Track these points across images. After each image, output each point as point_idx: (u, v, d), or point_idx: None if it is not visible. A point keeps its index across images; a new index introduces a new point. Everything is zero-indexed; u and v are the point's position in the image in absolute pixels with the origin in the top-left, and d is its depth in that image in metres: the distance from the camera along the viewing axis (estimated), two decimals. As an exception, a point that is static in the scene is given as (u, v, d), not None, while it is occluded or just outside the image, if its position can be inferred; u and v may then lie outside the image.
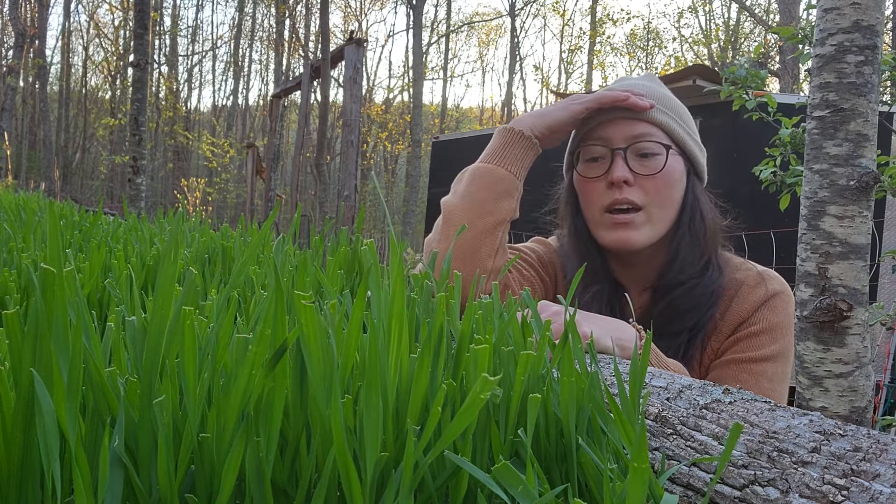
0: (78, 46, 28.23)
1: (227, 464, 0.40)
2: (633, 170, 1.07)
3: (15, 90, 14.69)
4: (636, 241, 1.06)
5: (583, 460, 0.48)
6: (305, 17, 23.77)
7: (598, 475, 0.47)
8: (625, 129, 1.09)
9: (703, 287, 1.06)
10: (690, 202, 1.11)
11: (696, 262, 1.08)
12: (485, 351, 0.46)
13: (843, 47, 0.59)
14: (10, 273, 0.87)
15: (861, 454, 0.42)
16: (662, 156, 1.08)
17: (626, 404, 0.47)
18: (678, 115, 1.12)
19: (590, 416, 0.50)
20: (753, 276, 1.10)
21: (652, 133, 1.08)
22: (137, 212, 4.30)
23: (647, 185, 1.07)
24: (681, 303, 1.06)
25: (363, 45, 9.07)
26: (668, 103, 1.13)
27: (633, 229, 1.06)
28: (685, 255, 1.08)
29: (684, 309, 1.06)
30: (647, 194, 1.07)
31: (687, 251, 1.08)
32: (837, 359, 0.60)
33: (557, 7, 27.13)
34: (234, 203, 23.43)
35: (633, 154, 1.08)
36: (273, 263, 0.54)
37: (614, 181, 1.06)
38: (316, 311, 0.42)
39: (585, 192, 1.13)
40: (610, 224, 1.08)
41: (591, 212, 1.12)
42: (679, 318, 1.06)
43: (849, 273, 0.59)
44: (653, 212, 1.07)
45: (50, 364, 0.37)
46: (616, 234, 1.07)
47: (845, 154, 0.59)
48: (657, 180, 1.07)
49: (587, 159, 1.12)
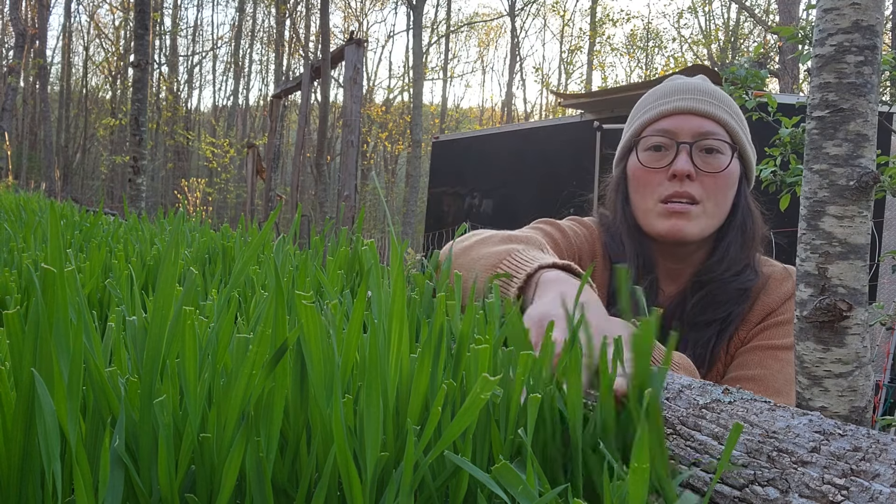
0: (78, 47, 28.24)
1: (228, 464, 0.40)
2: (697, 165, 1.08)
3: (15, 90, 14.69)
4: (689, 232, 1.07)
5: (588, 460, 0.48)
6: (305, 17, 23.77)
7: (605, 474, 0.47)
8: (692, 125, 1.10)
9: (739, 283, 1.08)
10: (742, 205, 1.12)
11: (740, 263, 1.10)
12: (485, 351, 0.46)
13: (842, 47, 0.59)
14: (11, 273, 0.87)
15: (861, 454, 0.42)
16: (726, 155, 1.09)
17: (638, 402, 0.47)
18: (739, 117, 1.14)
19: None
20: (779, 270, 1.13)
21: (718, 132, 1.10)
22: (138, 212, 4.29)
23: (707, 182, 1.08)
24: (717, 294, 1.08)
25: (363, 45, 9.07)
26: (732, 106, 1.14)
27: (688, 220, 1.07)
28: (733, 255, 1.10)
29: (719, 301, 1.08)
30: (706, 191, 1.08)
31: (735, 252, 1.10)
32: (837, 359, 0.60)
33: (557, 7, 27.13)
34: (235, 203, 23.43)
35: (698, 150, 1.09)
36: (273, 263, 0.54)
37: (677, 173, 1.07)
38: (316, 312, 0.42)
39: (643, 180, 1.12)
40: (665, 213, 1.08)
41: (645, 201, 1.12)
42: (712, 309, 1.08)
43: (849, 273, 0.59)
44: (708, 207, 1.08)
45: (50, 364, 0.37)
46: (670, 223, 1.07)
47: (845, 154, 0.59)
48: (718, 179, 1.08)
49: (648, 148, 1.13)
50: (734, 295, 1.08)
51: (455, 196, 9.00)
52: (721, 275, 1.09)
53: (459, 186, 8.92)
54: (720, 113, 1.10)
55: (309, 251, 1.14)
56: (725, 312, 1.08)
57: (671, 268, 1.15)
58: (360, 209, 1.28)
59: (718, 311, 1.08)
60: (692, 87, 1.14)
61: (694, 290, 1.11)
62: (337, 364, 0.42)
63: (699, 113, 1.10)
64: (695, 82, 1.16)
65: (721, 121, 1.10)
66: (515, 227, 1.19)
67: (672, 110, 1.11)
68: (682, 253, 1.13)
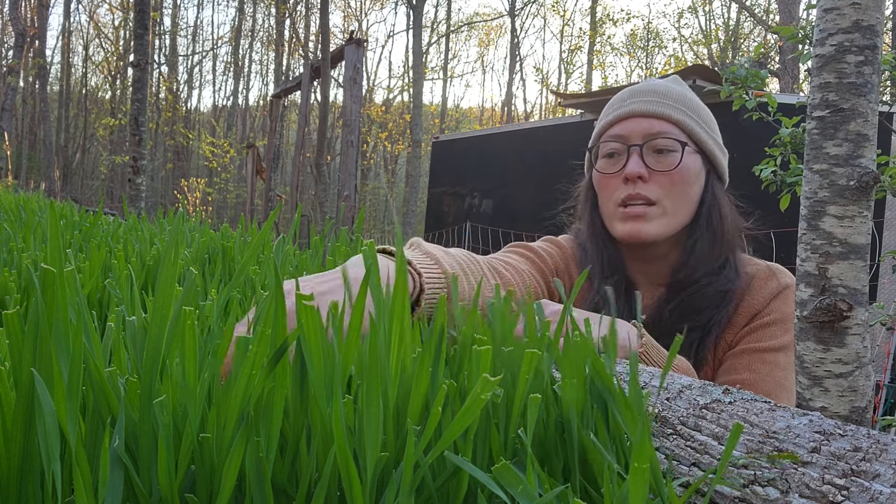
0: (78, 46, 28.24)
1: (228, 464, 0.40)
2: (649, 165, 1.09)
3: (15, 90, 14.69)
4: (648, 233, 1.08)
5: (590, 457, 0.48)
6: (305, 17, 23.77)
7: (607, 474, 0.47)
8: (642, 126, 1.11)
9: (717, 286, 1.07)
10: (708, 201, 1.12)
11: (713, 260, 1.09)
12: (486, 351, 0.46)
13: (843, 47, 0.59)
14: (11, 273, 0.87)
15: (861, 454, 0.42)
16: (678, 152, 1.09)
17: (635, 401, 0.47)
18: (698, 114, 1.14)
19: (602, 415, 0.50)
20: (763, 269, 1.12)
21: (668, 131, 1.10)
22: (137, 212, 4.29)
23: (662, 181, 1.08)
24: (694, 301, 1.07)
25: (363, 45, 9.07)
26: (689, 103, 1.14)
27: (645, 221, 1.08)
28: (701, 253, 1.09)
29: (698, 307, 1.07)
30: (661, 189, 1.08)
31: (703, 249, 1.09)
32: (837, 359, 0.60)
33: (557, 7, 27.14)
34: (234, 203, 23.43)
35: (650, 150, 1.09)
36: (273, 263, 0.54)
37: (629, 176, 1.08)
38: (316, 312, 0.42)
39: (602, 187, 1.15)
40: (623, 216, 1.10)
41: (606, 206, 1.14)
42: (692, 316, 1.07)
43: (849, 273, 0.59)
44: (667, 206, 1.08)
45: (50, 364, 0.37)
46: (628, 226, 1.09)
47: (845, 154, 0.59)
48: (672, 176, 1.08)
49: (604, 155, 1.14)
50: (714, 299, 1.07)
51: (455, 196, 9.00)
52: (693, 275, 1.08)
53: (459, 186, 8.92)
54: (671, 112, 1.11)
55: (309, 251, 1.14)
56: (706, 318, 1.07)
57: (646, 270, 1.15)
58: (359, 209, 1.28)
59: (699, 318, 1.07)
60: (647, 89, 1.14)
61: (669, 295, 1.10)
62: (337, 364, 0.42)
63: (648, 114, 1.11)
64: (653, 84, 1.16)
65: (672, 119, 1.10)
66: (515, 227, 1.20)
67: (623, 115, 1.12)
68: (651, 255, 1.13)
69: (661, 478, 0.45)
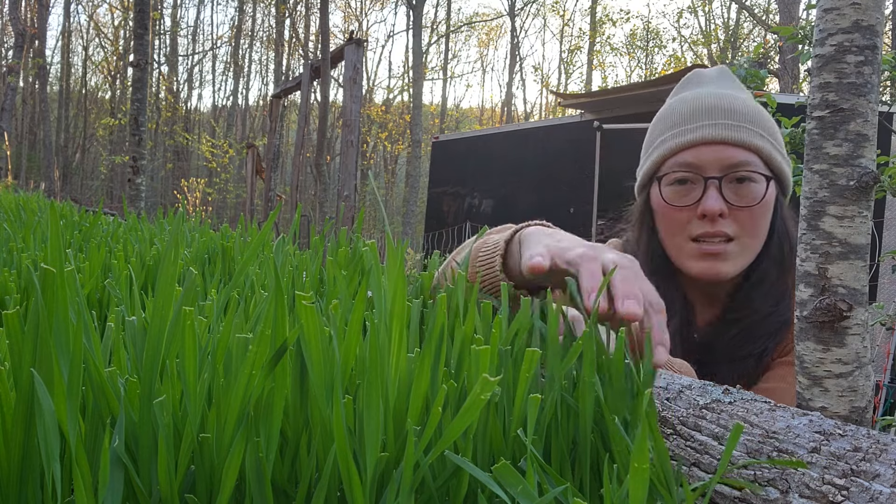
0: (78, 46, 28.24)
1: (227, 464, 0.40)
2: (728, 200, 0.97)
3: (15, 90, 14.69)
4: (726, 272, 0.98)
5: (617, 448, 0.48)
6: (305, 17, 23.77)
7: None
8: (721, 156, 0.98)
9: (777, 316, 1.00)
10: (779, 229, 1.02)
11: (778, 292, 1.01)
12: (486, 351, 0.46)
13: (842, 47, 0.59)
14: (10, 273, 0.87)
15: (861, 454, 0.42)
16: (760, 184, 0.98)
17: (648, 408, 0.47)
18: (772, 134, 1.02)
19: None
20: None
21: (749, 161, 0.98)
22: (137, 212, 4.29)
23: (742, 217, 0.98)
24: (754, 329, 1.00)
25: (363, 45, 9.07)
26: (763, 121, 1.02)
27: (724, 260, 0.98)
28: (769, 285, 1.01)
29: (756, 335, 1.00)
30: (741, 226, 0.98)
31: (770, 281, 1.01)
32: (837, 359, 0.60)
33: (557, 7, 27.14)
34: (234, 203, 23.43)
35: (728, 182, 0.98)
36: (273, 263, 0.54)
37: (707, 213, 0.97)
38: (316, 312, 0.42)
39: (670, 219, 1.02)
40: (697, 254, 0.99)
41: (675, 239, 1.02)
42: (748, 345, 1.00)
43: (849, 273, 0.59)
44: (745, 242, 0.99)
45: (50, 364, 0.37)
46: (705, 265, 0.99)
47: (845, 154, 0.59)
48: (753, 211, 0.98)
49: (672, 182, 1.02)
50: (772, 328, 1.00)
51: (455, 196, 9.00)
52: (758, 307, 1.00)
53: (459, 186, 8.92)
54: (752, 139, 0.98)
55: (309, 251, 1.14)
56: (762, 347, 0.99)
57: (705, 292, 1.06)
58: (359, 209, 1.28)
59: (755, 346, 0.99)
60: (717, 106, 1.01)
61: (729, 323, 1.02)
62: (337, 364, 0.42)
63: (727, 142, 0.98)
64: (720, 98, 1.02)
65: (753, 147, 0.98)
66: None
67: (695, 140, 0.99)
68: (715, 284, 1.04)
69: (672, 480, 0.45)
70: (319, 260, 1.05)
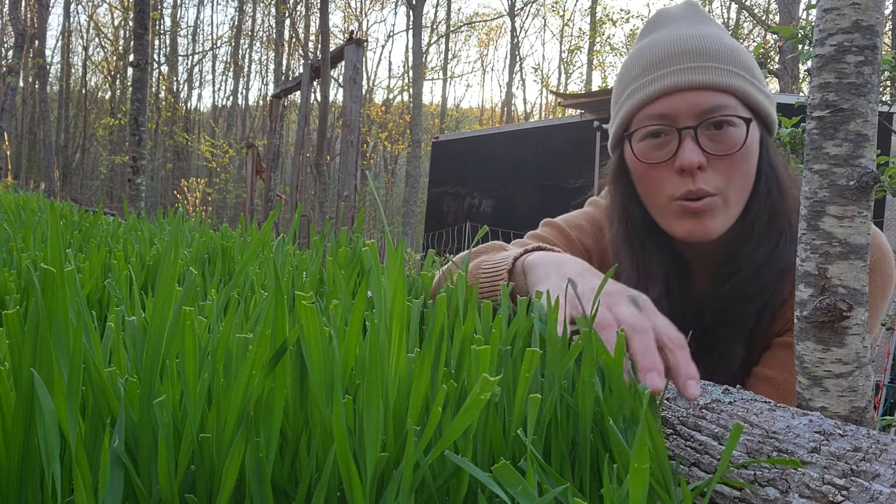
0: (78, 46, 28.26)
1: (227, 464, 0.40)
2: (706, 150, 0.89)
3: (15, 90, 14.68)
4: (714, 230, 0.90)
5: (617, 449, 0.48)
6: (305, 17, 23.78)
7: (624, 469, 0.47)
8: (693, 102, 0.89)
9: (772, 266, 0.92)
10: (766, 172, 0.94)
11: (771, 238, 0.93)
12: (485, 352, 0.46)
13: (842, 47, 0.59)
14: (10, 273, 0.87)
15: (861, 454, 0.42)
16: (741, 128, 0.90)
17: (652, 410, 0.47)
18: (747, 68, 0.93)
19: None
20: None
21: (726, 104, 0.90)
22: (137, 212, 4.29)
23: (723, 167, 0.90)
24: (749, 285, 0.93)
25: (363, 45, 9.06)
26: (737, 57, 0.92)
27: (710, 217, 0.90)
28: (759, 233, 0.93)
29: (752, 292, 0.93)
30: (724, 177, 0.90)
31: (761, 229, 0.93)
32: (837, 359, 0.60)
33: (557, 7, 27.14)
34: (234, 203, 23.43)
35: (705, 129, 0.89)
36: (273, 263, 0.54)
37: (685, 167, 0.89)
38: (316, 312, 0.42)
39: (647, 179, 0.95)
40: (681, 212, 0.91)
41: (655, 199, 0.95)
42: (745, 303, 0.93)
43: (849, 273, 0.59)
44: (730, 194, 0.91)
45: (50, 364, 0.37)
46: (691, 225, 0.91)
47: (845, 154, 0.59)
48: (735, 158, 0.90)
49: (645, 137, 0.93)
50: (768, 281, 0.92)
51: (455, 196, 9.01)
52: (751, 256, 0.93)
53: (459, 186, 8.93)
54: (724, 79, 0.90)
55: (309, 251, 1.14)
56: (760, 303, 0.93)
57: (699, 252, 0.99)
58: (359, 209, 1.28)
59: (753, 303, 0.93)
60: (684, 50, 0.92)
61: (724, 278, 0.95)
62: (337, 364, 0.42)
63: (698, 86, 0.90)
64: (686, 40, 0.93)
65: (727, 88, 0.90)
66: (515, 227, 1.17)
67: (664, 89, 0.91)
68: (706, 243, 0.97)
69: (671, 480, 0.45)
70: (319, 260, 1.05)
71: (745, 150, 0.90)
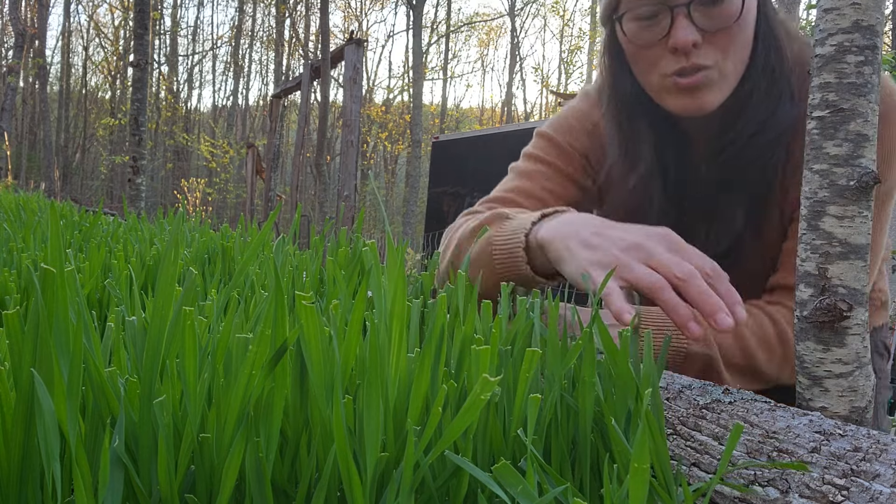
0: (78, 46, 28.25)
1: (227, 464, 0.40)
2: (700, 26, 0.85)
3: (15, 90, 14.69)
4: (709, 103, 0.88)
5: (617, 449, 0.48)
6: (305, 17, 23.78)
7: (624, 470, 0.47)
8: None
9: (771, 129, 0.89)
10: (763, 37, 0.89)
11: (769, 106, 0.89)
12: (486, 352, 0.46)
13: (843, 47, 0.59)
14: (10, 273, 0.87)
15: (861, 454, 0.42)
16: None
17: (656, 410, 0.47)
18: None
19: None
20: None
21: None
22: (137, 212, 4.29)
23: (719, 41, 0.86)
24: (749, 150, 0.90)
25: (363, 45, 9.07)
26: None
27: (706, 91, 0.87)
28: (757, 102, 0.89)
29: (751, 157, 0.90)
30: (720, 51, 0.86)
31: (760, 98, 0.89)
32: (837, 359, 0.60)
33: (557, 7, 27.15)
34: (234, 203, 23.44)
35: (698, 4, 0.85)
36: (273, 263, 0.54)
37: (679, 47, 0.85)
38: (316, 312, 0.42)
39: (640, 59, 0.91)
40: (675, 88, 0.88)
41: (648, 77, 0.92)
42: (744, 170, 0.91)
43: (849, 273, 0.59)
44: (726, 66, 0.87)
45: (50, 364, 0.37)
46: (687, 100, 0.88)
47: (845, 154, 0.59)
48: (731, 31, 0.86)
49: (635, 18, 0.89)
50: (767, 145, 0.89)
51: (455, 196, 9.00)
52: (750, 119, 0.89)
53: (459, 186, 8.92)
54: None
55: (309, 251, 1.14)
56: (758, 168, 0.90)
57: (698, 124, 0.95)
58: (359, 209, 1.28)
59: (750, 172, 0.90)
60: None
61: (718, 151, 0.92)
62: (337, 364, 0.42)
63: None
64: None
65: None
66: None
67: None
68: None
69: (671, 480, 0.45)
70: (319, 260, 1.05)
71: (742, 20, 0.86)
